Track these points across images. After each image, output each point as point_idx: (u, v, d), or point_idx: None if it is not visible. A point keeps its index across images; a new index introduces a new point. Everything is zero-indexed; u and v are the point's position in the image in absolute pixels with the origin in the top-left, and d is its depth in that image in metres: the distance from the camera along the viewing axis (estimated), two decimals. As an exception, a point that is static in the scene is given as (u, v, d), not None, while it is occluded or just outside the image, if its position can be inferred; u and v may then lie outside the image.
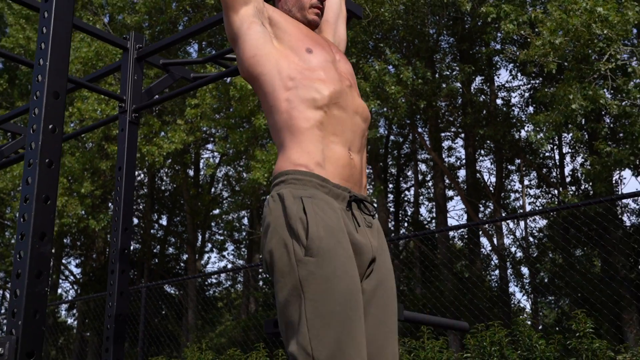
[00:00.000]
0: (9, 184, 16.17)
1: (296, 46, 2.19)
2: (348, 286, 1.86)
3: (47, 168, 2.11)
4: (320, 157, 2.03)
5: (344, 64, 2.28)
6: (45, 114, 2.14)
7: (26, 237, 2.03)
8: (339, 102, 2.10)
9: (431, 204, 22.68)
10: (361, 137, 2.16)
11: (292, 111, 2.06)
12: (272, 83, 2.13)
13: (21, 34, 16.80)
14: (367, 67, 13.71)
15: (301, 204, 1.93)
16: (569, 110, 11.07)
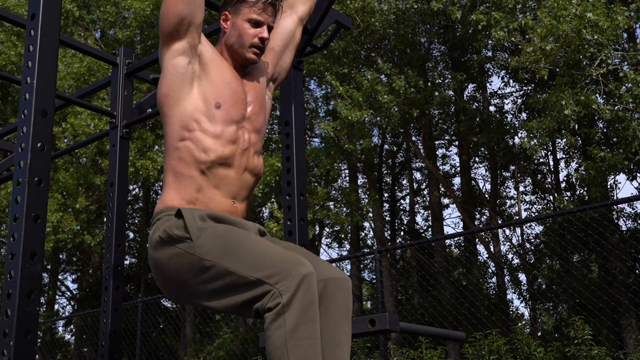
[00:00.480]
0: (3, 201, 16.12)
1: (209, 96, 2.26)
2: (234, 228, 2.07)
3: (36, 186, 2.10)
4: (194, 198, 2.19)
5: (254, 121, 2.36)
6: (33, 132, 2.13)
7: (16, 257, 2.02)
8: (226, 162, 2.22)
9: (427, 212, 22.69)
10: (248, 189, 2.33)
11: (180, 161, 2.21)
12: (172, 128, 2.25)
13: (13, 51, 16.79)
14: (359, 77, 13.74)
15: (173, 218, 2.12)
16: (561, 116, 11.10)
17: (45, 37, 2.24)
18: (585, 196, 16.92)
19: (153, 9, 15.59)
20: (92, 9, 18.35)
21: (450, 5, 12.97)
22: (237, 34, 2.37)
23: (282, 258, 1.91)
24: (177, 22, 2.25)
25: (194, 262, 2.01)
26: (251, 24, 2.36)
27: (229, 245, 1.98)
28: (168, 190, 2.22)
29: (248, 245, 1.97)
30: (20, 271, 2.00)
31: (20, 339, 1.96)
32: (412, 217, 22.54)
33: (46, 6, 2.26)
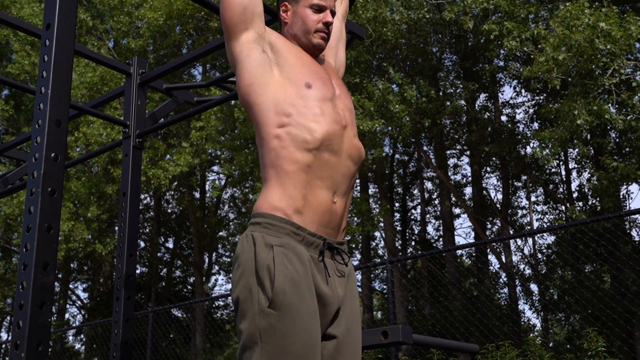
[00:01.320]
0: (15, 209, 16.20)
1: (295, 79, 2.17)
2: (307, 344, 1.90)
3: (49, 197, 2.09)
4: (301, 202, 2.03)
5: (344, 100, 2.26)
6: (47, 142, 2.13)
7: (29, 268, 2.01)
8: (331, 144, 2.09)
9: (438, 222, 22.61)
10: (349, 180, 2.16)
11: (281, 150, 2.06)
12: (265, 115, 2.12)
13: (27, 60, 16.91)
14: (371, 87, 13.74)
15: (271, 253, 1.95)
16: (574, 126, 11.04)
17: (60, 48, 2.24)
18: (597, 206, 16.81)
19: (166, 18, 15.68)
20: (105, 19, 18.48)
21: (462, 15, 12.95)
22: (300, 21, 2.32)
23: None
24: (240, 12, 2.20)
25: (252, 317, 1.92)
26: (313, 10, 2.31)
27: (279, 357, 1.88)
28: (272, 186, 2.07)
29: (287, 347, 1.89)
30: (32, 282, 1.99)
31: (31, 350, 1.94)
32: (423, 227, 22.46)
33: (61, 16, 2.25)
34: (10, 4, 17.54)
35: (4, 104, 19.26)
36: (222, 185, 21.51)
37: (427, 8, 13.87)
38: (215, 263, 25.34)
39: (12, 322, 25.43)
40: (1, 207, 16.22)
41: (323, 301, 2.00)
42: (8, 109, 18.91)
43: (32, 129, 2.20)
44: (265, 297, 1.91)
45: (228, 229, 23.65)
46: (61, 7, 2.26)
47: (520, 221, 21.17)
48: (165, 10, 15.45)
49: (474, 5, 12.63)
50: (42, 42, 2.27)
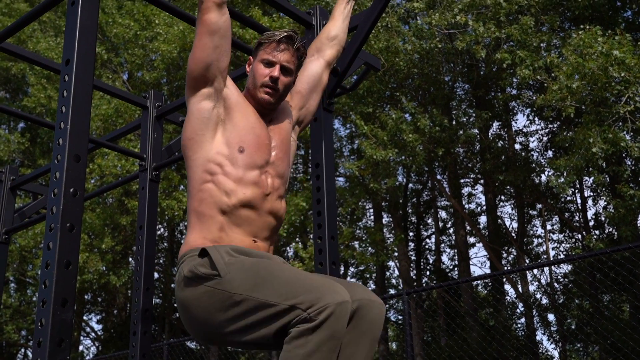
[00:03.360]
0: (30, 241, 16.25)
1: (232, 141, 2.29)
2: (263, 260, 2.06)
3: (68, 232, 2.08)
4: (217, 238, 2.20)
5: (278, 167, 2.37)
6: (66, 177, 2.12)
7: (47, 304, 1.99)
8: (249, 204, 2.24)
9: (453, 251, 22.46)
10: (270, 230, 2.32)
11: (202, 203, 2.24)
12: (194, 171, 2.29)
13: (42, 93, 17.11)
14: (384, 116, 13.76)
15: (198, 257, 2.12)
16: (589, 154, 10.97)
17: (80, 83, 2.25)
18: (614, 235, 16.64)
19: (180, 51, 15.84)
20: (120, 52, 18.69)
21: (474, 44, 12.99)
22: (252, 75, 2.43)
23: (316, 284, 1.89)
24: (203, 68, 2.29)
25: (224, 298, 1.99)
26: (264, 64, 2.39)
27: (260, 276, 1.96)
28: (192, 231, 2.24)
29: (279, 273, 1.95)
30: (51, 319, 1.97)
31: (50, 388, 1.92)
32: (438, 256, 22.31)
33: (81, 52, 2.27)
34: (26, 38, 17.79)
35: (20, 136, 19.45)
36: (236, 215, 21.51)
37: (439, 38, 13.93)
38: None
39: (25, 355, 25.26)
40: (16, 239, 16.27)
41: None
42: (24, 141, 19.10)
43: (52, 164, 2.20)
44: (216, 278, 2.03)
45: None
46: (80, 42, 2.28)
47: (536, 250, 20.97)
48: (179, 42, 15.62)
49: (485, 34, 12.67)
50: (61, 77, 2.28)
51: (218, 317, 2.01)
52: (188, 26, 15.38)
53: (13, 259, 17.83)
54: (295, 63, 2.44)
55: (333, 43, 2.72)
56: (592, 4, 12.90)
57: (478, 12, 13.01)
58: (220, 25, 2.31)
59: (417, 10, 14.13)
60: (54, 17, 19.20)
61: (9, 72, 20.04)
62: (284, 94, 2.44)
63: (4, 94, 22.28)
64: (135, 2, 17.71)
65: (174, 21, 15.66)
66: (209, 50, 2.29)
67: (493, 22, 12.70)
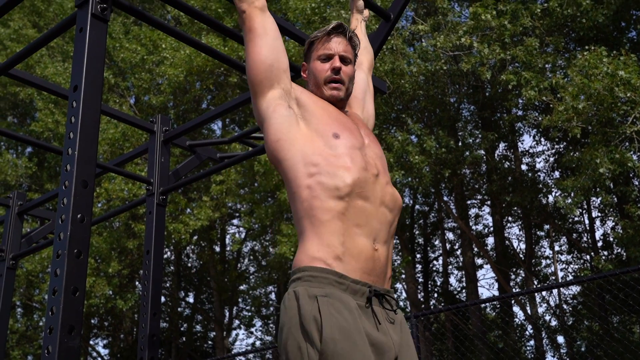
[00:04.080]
0: (37, 266, 16.25)
1: (323, 130, 2.15)
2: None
3: (75, 259, 2.07)
4: (340, 250, 1.97)
5: (374, 149, 2.23)
6: (74, 203, 2.12)
7: (54, 332, 1.98)
8: (363, 191, 2.04)
9: (460, 272, 22.34)
10: (388, 227, 2.10)
11: (313, 200, 2.02)
12: (294, 169, 2.09)
13: (50, 118, 17.20)
14: (390, 138, 13.77)
15: (316, 304, 1.87)
16: (596, 175, 10.94)
17: (87, 109, 2.25)
18: (623, 255, 16.53)
19: (186, 75, 15.93)
20: (127, 76, 18.81)
21: (479, 66, 13.03)
22: (313, 76, 2.34)
23: None
24: (266, 69, 2.21)
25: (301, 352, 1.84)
26: (321, 60, 2.32)
27: None
28: (309, 237, 2.01)
29: None
30: (58, 347, 1.96)
31: (57, 417, 1.90)
32: (446, 278, 22.20)
33: (89, 78, 2.28)
34: (34, 63, 17.94)
35: (28, 161, 19.53)
36: (242, 238, 21.49)
37: (444, 60, 13.98)
38: (235, 317, 25.11)
39: (32, 380, 25.15)
40: (23, 264, 16.27)
41: (378, 349, 1.90)
42: (32, 166, 19.18)
43: (59, 190, 2.20)
44: (315, 350, 1.83)
45: (248, 283, 23.52)
46: (88, 69, 2.29)
47: (544, 271, 20.84)
48: (186, 67, 15.72)
49: (490, 56, 12.71)
50: (69, 103, 2.29)
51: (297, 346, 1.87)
52: (194, 50, 15.49)
53: (20, 284, 17.82)
54: (352, 52, 2.36)
55: (365, 51, 2.74)
56: (596, 25, 12.93)
57: (483, 34, 13.06)
58: (269, 27, 2.26)
59: (422, 33, 14.21)
60: (62, 42, 19.37)
61: (17, 97, 20.19)
62: (350, 85, 2.35)
63: (12, 119, 22.44)
64: (142, 27, 17.86)
65: (180, 45, 15.77)
66: (266, 51, 2.22)
67: (498, 43, 12.73)
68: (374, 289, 1.98)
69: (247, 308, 25.02)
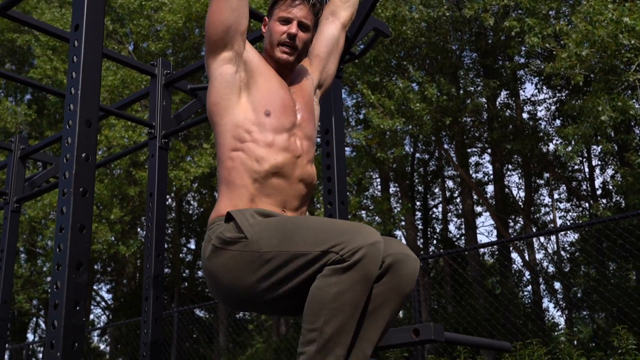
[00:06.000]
0: (39, 212, 16.35)
1: (257, 104, 2.24)
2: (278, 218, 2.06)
3: (81, 197, 2.09)
4: (248, 207, 2.16)
5: (304, 128, 2.32)
6: (78, 142, 2.13)
7: (62, 268, 2.01)
8: (280, 171, 2.19)
9: (460, 220, 22.48)
10: (300, 199, 2.27)
11: (232, 170, 2.20)
12: (224, 136, 2.24)
13: (48, 65, 17.06)
14: (391, 86, 13.70)
15: (224, 223, 2.11)
16: (598, 122, 10.91)
17: (89, 48, 2.24)
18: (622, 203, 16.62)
19: (185, 21, 15.74)
20: (125, 23, 18.59)
21: (482, 12, 12.86)
22: (269, 35, 2.39)
23: (347, 227, 1.86)
24: (222, 31, 2.25)
25: (253, 259, 1.97)
26: (280, 22, 2.35)
27: (287, 230, 1.94)
28: (221, 199, 2.21)
29: (307, 224, 1.93)
30: (66, 282, 1.99)
31: (67, 350, 1.95)
32: (445, 225, 22.35)
33: (90, 17, 2.26)
34: (31, 9, 17.70)
35: (27, 108, 19.46)
36: (243, 186, 21.53)
37: (447, 6, 13.80)
38: (237, 264, 25.38)
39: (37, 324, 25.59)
40: (25, 211, 16.37)
41: None
42: (31, 113, 19.11)
43: (63, 130, 2.20)
44: (243, 240, 2.02)
45: (249, 230, 23.70)
46: (89, 8, 2.27)
47: (543, 219, 20.98)
48: (184, 13, 15.51)
49: (494, 2, 12.53)
50: (70, 43, 2.27)
51: (248, 279, 1.99)
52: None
53: (23, 230, 17.96)
54: (312, 19, 2.40)
55: (347, 5, 2.68)
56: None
57: (486, -21, 12.86)
58: None
59: (425, -22, 13.99)
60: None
61: (14, 44, 19.96)
62: (303, 52, 2.41)
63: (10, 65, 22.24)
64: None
65: (179, -9, 15.54)
66: (227, 12, 2.24)
67: (501, -11, 12.56)
68: None
69: (248, 254, 25.31)
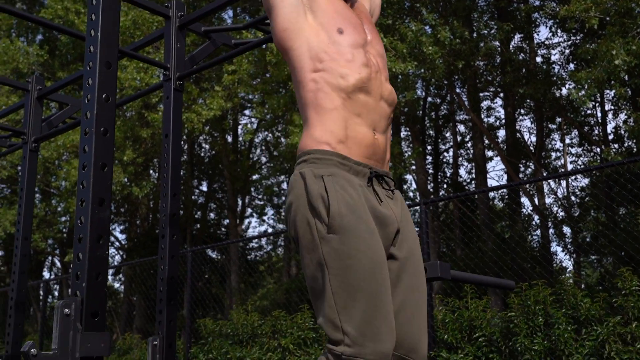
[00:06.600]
0: (53, 153, 16.51)
1: (328, 24, 2.19)
2: (372, 260, 1.92)
3: (102, 136, 2.17)
4: (343, 135, 2.08)
5: (375, 45, 2.29)
6: (98, 83, 2.19)
7: (86, 203, 2.10)
8: (364, 87, 2.13)
9: (470, 164, 22.52)
10: (386, 119, 2.21)
11: (318, 92, 2.11)
12: (300, 59, 2.16)
13: (59, 5, 16.96)
14: (404, 28, 13.54)
15: (322, 183, 1.98)
16: (611, 67, 10.81)
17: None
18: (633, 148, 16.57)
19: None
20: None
21: (497, -48, 12.62)
22: None
23: (373, 330, 1.85)
24: None
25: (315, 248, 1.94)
26: None
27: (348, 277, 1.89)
28: (314, 125, 2.11)
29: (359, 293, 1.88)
30: (90, 217, 2.08)
31: (91, 280, 2.05)
32: (455, 169, 22.40)
33: (107, -41, 2.29)
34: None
35: (39, 49, 19.41)
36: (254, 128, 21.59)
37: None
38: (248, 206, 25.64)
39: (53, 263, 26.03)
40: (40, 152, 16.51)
41: (382, 222, 2.03)
42: (43, 53, 19.08)
43: (84, 71, 2.26)
44: (323, 224, 1.94)
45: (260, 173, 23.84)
46: (107, -50, 2.30)
47: (554, 164, 20.99)
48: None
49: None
50: (89, -15, 2.31)
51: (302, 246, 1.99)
52: None
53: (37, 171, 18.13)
54: None
55: None
56: None
57: None
58: None
59: None
60: None
61: (24, -17, 19.85)
62: None
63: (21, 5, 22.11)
64: None
65: None
66: None
67: None
68: (374, 170, 2.12)
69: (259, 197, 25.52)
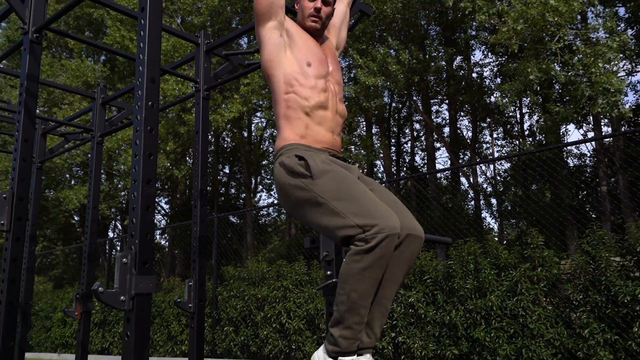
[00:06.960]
0: (114, 144, 16.42)
1: (300, 58, 2.24)
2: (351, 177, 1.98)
3: (149, 133, 2.18)
4: (305, 134, 2.14)
5: (335, 75, 2.32)
6: (146, 94, 2.20)
7: (137, 182, 2.12)
8: (322, 105, 2.19)
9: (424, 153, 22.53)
10: (340, 126, 2.28)
11: (288, 109, 2.18)
12: (278, 84, 2.22)
13: (117, 33, 16.76)
14: (374, 52, 13.50)
15: (296, 158, 2.06)
16: (527, 80, 10.85)
17: (152, 25, 2.29)
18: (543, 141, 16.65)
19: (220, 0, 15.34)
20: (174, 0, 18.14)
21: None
22: (300, 10, 2.39)
23: (380, 213, 1.83)
24: (267, 6, 2.26)
25: (311, 197, 1.95)
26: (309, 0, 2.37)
27: (342, 191, 1.90)
28: (285, 129, 2.17)
29: (356, 194, 1.88)
30: (140, 192, 2.11)
31: (142, 238, 2.08)
32: (413, 157, 22.43)
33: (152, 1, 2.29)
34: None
35: (102, 66, 19.21)
36: (264, 126, 21.51)
37: (418, -10, 13.42)
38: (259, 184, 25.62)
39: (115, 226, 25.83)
40: (104, 144, 16.41)
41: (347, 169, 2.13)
42: (105, 70, 18.89)
43: (135, 85, 2.27)
44: (310, 179, 1.97)
45: (269, 159, 23.80)
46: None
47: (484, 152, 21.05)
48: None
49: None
50: (138, 21, 2.32)
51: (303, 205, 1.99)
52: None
53: (103, 157, 18.04)
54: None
55: None
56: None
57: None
58: None
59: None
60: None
61: (91, 17, 19.60)
62: (327, 21, 2.40)
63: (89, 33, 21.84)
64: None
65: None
66: None
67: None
68: (332, 151, 2.21)
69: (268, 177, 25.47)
